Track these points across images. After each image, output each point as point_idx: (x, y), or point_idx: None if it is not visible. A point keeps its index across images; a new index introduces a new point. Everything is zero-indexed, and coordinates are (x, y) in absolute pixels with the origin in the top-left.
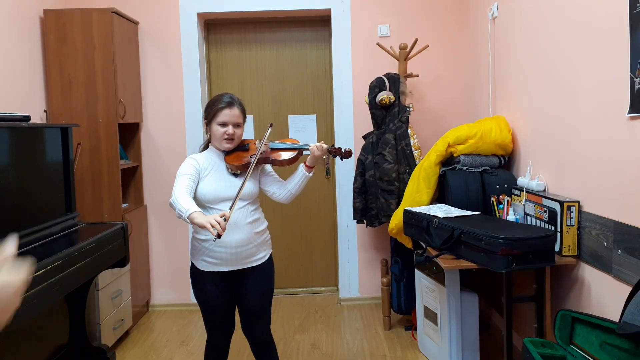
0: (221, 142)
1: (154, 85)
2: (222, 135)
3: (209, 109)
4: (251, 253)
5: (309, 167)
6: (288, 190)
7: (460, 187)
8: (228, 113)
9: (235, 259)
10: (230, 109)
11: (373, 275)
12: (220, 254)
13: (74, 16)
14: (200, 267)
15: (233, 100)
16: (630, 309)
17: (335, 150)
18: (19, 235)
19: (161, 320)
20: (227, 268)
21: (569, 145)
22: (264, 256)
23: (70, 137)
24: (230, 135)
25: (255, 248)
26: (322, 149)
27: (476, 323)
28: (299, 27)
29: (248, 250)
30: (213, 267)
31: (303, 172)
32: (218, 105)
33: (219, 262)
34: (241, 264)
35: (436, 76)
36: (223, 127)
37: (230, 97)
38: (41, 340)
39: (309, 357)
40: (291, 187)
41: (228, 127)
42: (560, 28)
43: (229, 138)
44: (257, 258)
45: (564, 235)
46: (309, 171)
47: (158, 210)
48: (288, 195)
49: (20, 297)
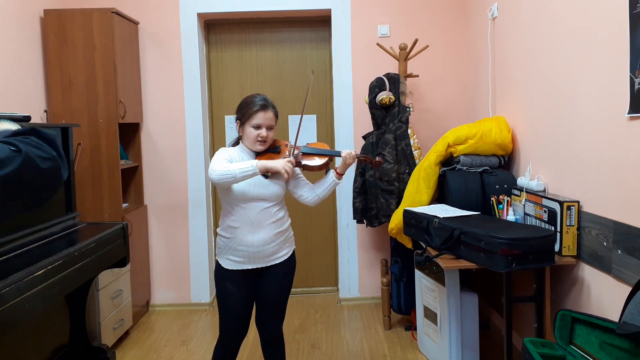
0: (254, 144)
1: (154, 85)
2: (256, 138)
3: (243, 110)
4: (274, 251)
5: (339, 175)
6: (316, 194)
7: (460, 187)
8: (262, 116)
9: (259, 257)
10: (265, 112)
11: (373, 275)
12: (244, 252)
13: (74, 16)
14: (225, 265)
15: (267, 102)
16: (630, 309)
17: (365, 159)
18: (19, 235)
19: (161, 320)
20: (250, 266)
21: (569, 145)
22: (286, 253)
23: (70, 137)
24: (264, 138)
25: (277, 246)
26: (353, 156)
27: (476, 323)
28: (299, 27)
29: (271, 248)
30: (237, 266)
31: (333, 179)
32: (252, 107)
33: (242, 260)
34: (264, 262)
35: (436, 76)
36: (257, 129)
37: (264, 100)
38: (41, 340)
39: (309, 357)
40: (319, 191)
41: (262, 130)
42: (560, 28)
43: (262, 140)
44: (279, 255)
45: (564, 235)
46: (339, 178)
47: (158, 210)
48: (316, 199)
49: None
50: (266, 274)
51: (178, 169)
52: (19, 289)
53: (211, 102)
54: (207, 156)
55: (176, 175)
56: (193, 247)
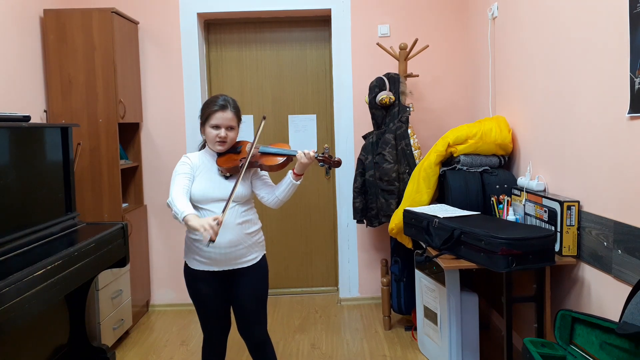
0: (214, 145)
1: (154, 85)
2: (215, 138)
3: (203, 110)
4: (242, 254)
5: (297, 175)
6: (275, 196)
7: (460, 187)
8: (221, 116)
9: (225, 259)
10: (224, 112)
11: (373, 275)
12: (210, 254)
13: (74, 16)
14: (192, 265)
15: (227, 102)
16: (630, 309)
17: (323, 158)
18: (19, 235)
19: (161, 320)
20: (217, 268)
21: (569, 145)
22: (255, 257)
23: (70, 137)
24: (223, 139)
25: (245, 249)
26: (310, 156)
27: (476, 323)
28: (299, 27)
29: (238, 251)
30: (204, 267)
31: (290, 180)
32: (211, 107)
33: (209, 262)
34: (231, 264)
35: (436, 76)
36: (216, 129)
37: (224, 100)
38: (41, 340)
39: (309, 357)
40: (278, 193)
41: (220, 130)
42: (560, 28)
43: (221, 141)
44: (248, 259)
45: (564, 235)
46: (297, 179)
47: (158, 210)
48: (275, 201)
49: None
50: (237, 280)
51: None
52: (18, 289)
53: None
54: None
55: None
56: None
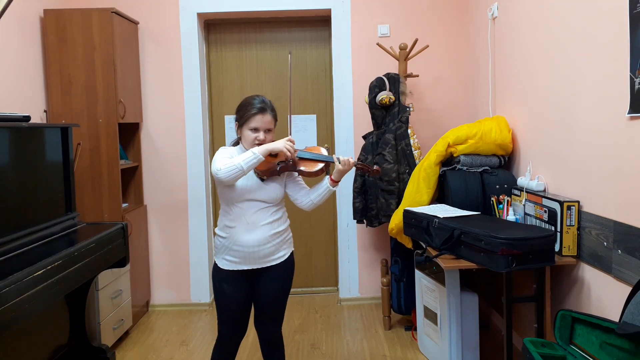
0: (252, 147)
1: (154, 85)
2: (253, 140)
3: (241, 112)
4: (270, 252)
5: (334, 182)
6: (310, 199)
7: (460, 187)
8: (260, 119)
9: (254, 257)
10: (263, 115)
11: (373, 275)
12: (239, 252)
13: (74, 16)
14: (221, 265)
15: (265, 105)
16: (630, 309)
17: (362, 167)
18: (19, 235)
19: (161, 320)
20: (246, 267)
21: (569, 145)
22: (283, 255)
23: (70, 137)
24: (261, 141)
25: (274, 247)
26: (350, 164)
27: (476, 323)
28: (299, 27)
29: (266, 249)
30: (233, 266)
31: (327, 186)
32: (250, 110)
33: (238, 260)
34: (260, 262)
35: (436, 76)
36: (254, 132)
37: (263, 102)
38: (41, 340)
39: (309, 357)
40: (314, 197)
41: (259, 133)
42: (561, 28)
43: (260, 144)
44: (276, 257)
45: (564, 235)
46: (334, 185)
47: (158, 210)
48: (310, 205)
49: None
50: (264, 276)
51: (178, 169)
52: (18, 289)
53: (211, 102)
54: (207, 156)
55: (176, 175)
56: (193, 247)
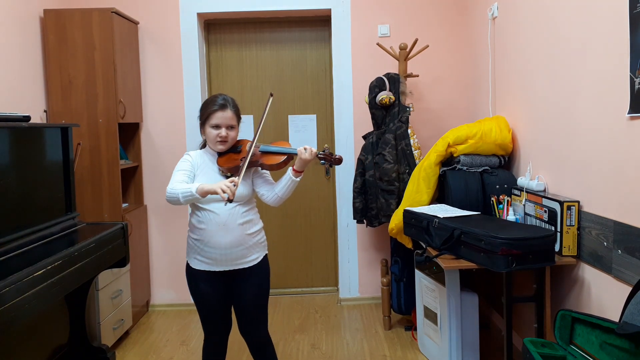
0: (215, 144)
1: (154, 85)
2: (215, 138)
3: (202, 110)
4: (243, 254)
5: (296, 172)
6: (275, 193)
7: (460, 187)
8: (221, 116)
9: (226, 259)
10: (223, 112)
11: (373, 275)
12: (211, 254)
13: (74, 16)
14: (194, 265)
15: (226, 102)
16: (630, 309)
17: (324, 156)
18: (19, 235)
19: (161, 320)
20: (218, 268)
21: (569, 145)
22: (257, 258)
23: (70, 137)
24: (223, 138)
25: (247, 250)
26: (311, 153)
27: (476, 323)
28: (299, 27)
29: (239, 251)
30: (205, 267)
31: (290, 177)
32: (211, 107)
33: (210, 262)
34: (233, 264)
35: (436, 76)
36: (216, 129)
37: (224, 99)
38: (41, 340)
39: (309, 357)
40: (278, 190)
41: (221, 130)
42: (560, 28)
43: (222, 140)
44: (249, 259)
45: (564, 235)
46: (297, 176)
47: (158, 210)
48: (275, 199)
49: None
50: (239, 280)
51: None
52: (18, 289)
53: None
54: None
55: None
56: None
